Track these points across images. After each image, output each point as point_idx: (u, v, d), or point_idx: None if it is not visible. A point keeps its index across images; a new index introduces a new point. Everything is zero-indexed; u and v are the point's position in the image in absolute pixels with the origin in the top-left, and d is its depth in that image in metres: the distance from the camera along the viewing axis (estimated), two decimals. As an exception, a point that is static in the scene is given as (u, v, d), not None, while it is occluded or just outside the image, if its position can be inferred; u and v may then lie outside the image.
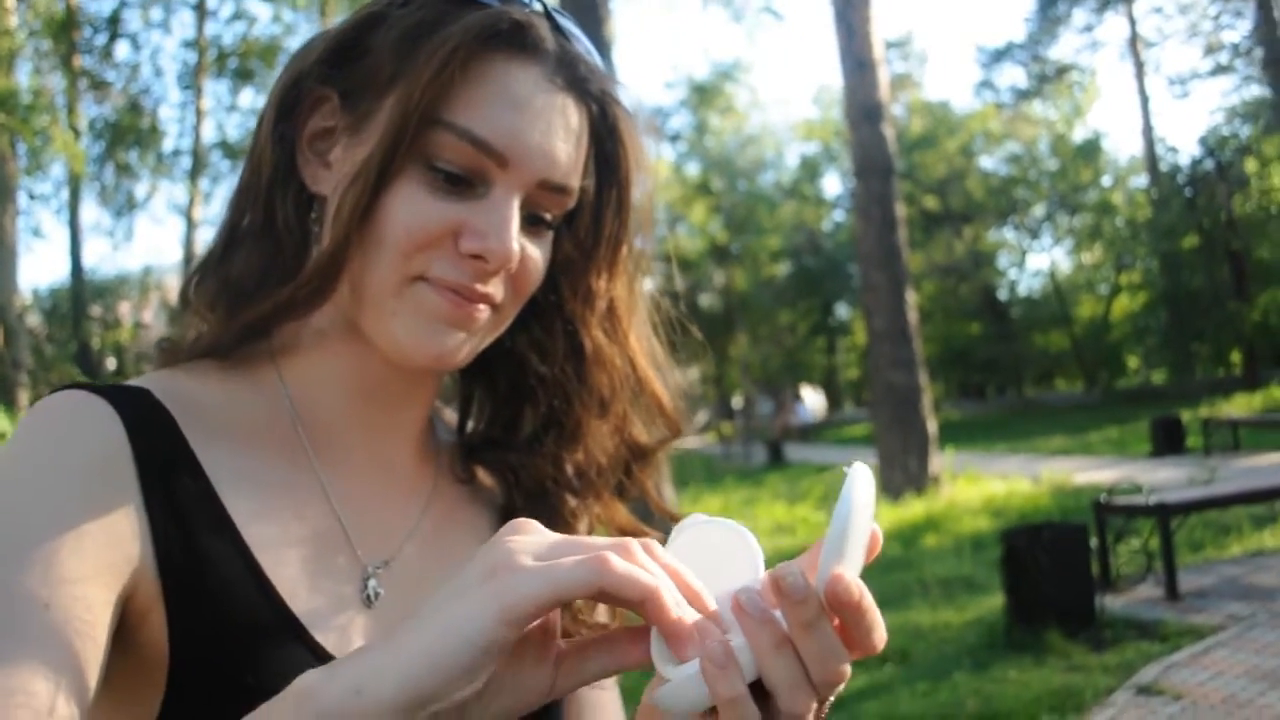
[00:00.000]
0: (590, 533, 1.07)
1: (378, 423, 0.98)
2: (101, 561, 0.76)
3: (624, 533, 1.07)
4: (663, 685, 0.72)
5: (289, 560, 0.86)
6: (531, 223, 0.91)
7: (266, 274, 0.90)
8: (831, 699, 0.72)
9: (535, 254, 0.92)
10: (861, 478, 0.71)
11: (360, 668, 0.63)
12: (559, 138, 0.89)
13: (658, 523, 1.09)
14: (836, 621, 0.68)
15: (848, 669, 0.70)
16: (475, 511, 1.04)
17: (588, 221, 0.99)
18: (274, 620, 0.83)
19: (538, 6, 0.91)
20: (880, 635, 0.70)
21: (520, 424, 1.06)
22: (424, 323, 0.88)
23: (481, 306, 0.90)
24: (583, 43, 0.94)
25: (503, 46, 0.86)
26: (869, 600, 0.68)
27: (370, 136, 0.86)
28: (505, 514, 1.03)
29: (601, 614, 1.02)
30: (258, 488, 0.88)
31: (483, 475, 1.07)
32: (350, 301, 0.89)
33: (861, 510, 0.70)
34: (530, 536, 0.67)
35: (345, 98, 0.89)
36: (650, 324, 1.07)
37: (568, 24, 0.93)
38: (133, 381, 0.88)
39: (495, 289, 0.90)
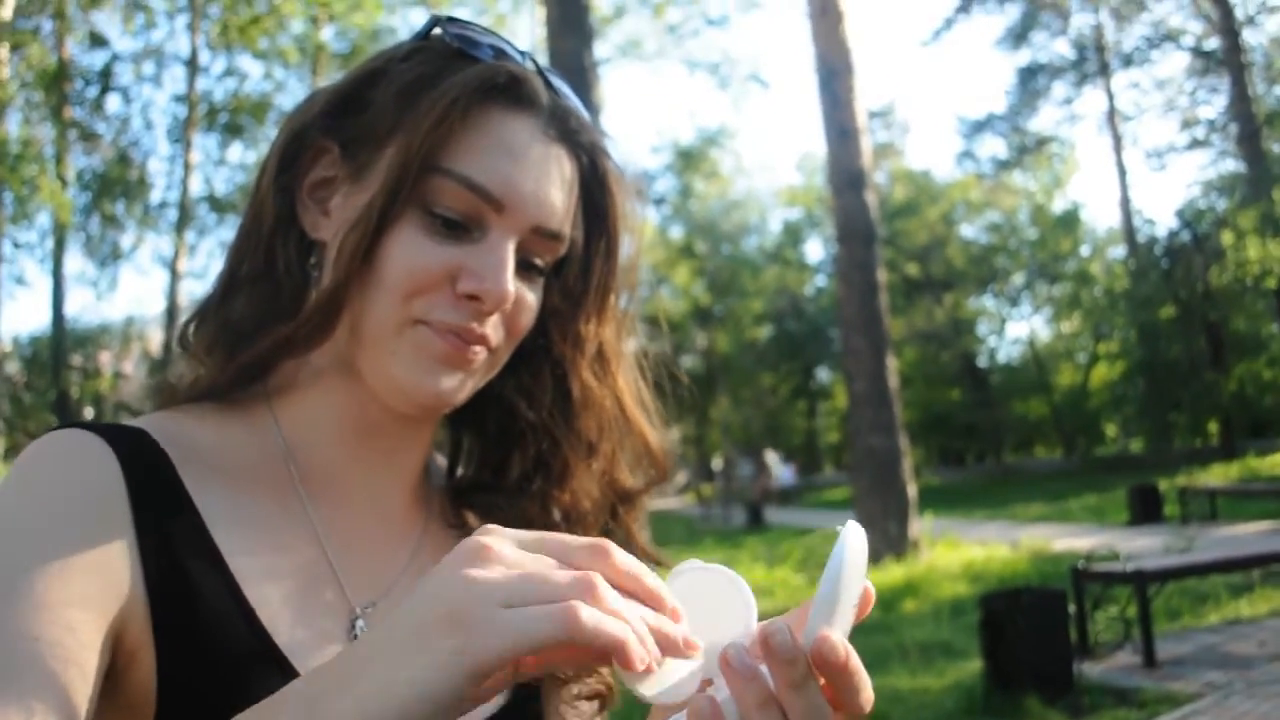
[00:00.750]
0: None
1: (371, 463, 0.99)
2: (91, 594, 0.77)
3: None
4: None
5: (276, 595, 0.87)
6: (525, 268, 0.95)
7: (265, 317, 0.93)
8: None
9: (529, 297, 0.96)
10: (854, 537, 0.70)
11: (323, 712, 0.62)
12: (552, 186, 0.93)
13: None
14: (823, 682, 0.67)
15: None
16: None
17: (577, 270, 1.02)
18: (259, 653, 0.84)
19: (530, 65, 0.96)
20: (867, 697, 0.69)
21: (509, 468, 1.08)
22: (423, 363, 0.90)
23: (478, 347, 0.93)
24: (573, 99, 0.99)
25: (499, 98, 0.91)
26: (856, 662, 0.67)
27: (371, 184, 0.90)
28: None
29: None
30: (249, 526, 0.89)
31: (472, 519, 1.08)
32: (349, 342, 0.92)
33: (853, 570, 0.70)
34: (491, 573, 0.64)
35: (346, 148, 0.93)
36: (638, 370, 1.10)
37: (559, 82, 0.98)
38: (130, 422, 0.90)
39: (492, 330, 0.93)
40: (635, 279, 1.08)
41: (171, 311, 23.20)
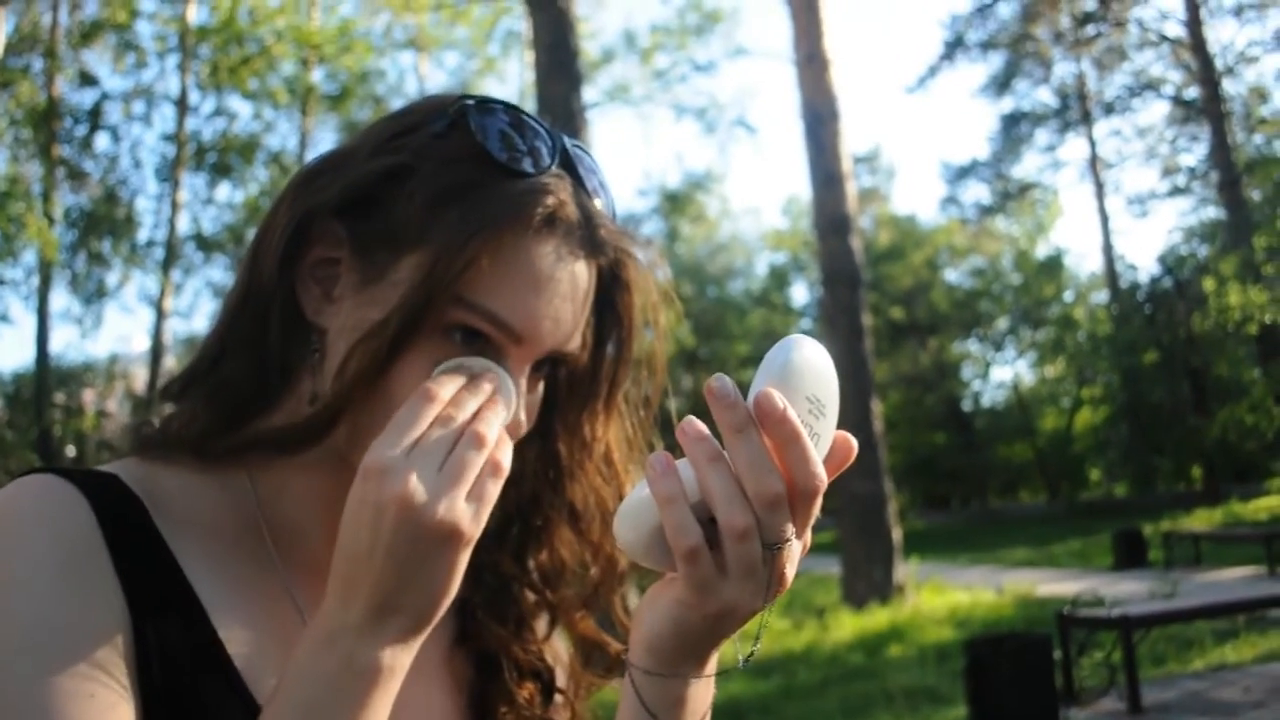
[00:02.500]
0: (548, 636, 1.08)
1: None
2: (106, 651, 0.77)
3: (585, 641, 1.08)
4: (619, 514, 0.82)
5: (256, 652, 0.86)
6: (532, 370, 0.92)
7: (254, 389, 0.91)
8: (783, 547, 0.78)
9: (532, 402, 0.95)
10: (809, 343, 0.79)
11: None
12: (572, 310, 0.91)
13: (620, 637, 1.09)
14: (770, 444, 0.76)
15: (782, 491, 0.76)
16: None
17: (586, 365, 1.01)
18: (242, 710, 0.82)
19: (559, 170, 0.91)
20: (816, 472, 0.77)
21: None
22: None
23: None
24: (596, 182, 0.95)
25: (532, 229, 0.87)
26: (796, 423, 0.76)
27: (384, 296, 0.86)
28: (462, 612, 1.04)
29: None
30: (226, 581, 0.88)
31: None
32: (347, 441, 0.88)
33: (809, 368, 0.79)
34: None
35: (356, 240, 0.89)
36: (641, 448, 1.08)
37: (584, 168, 0.94)
38: (102, 468, 0.89)
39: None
40: (659, 380, 1.07)
41: (156, 350, 23.14)
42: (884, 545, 14.65)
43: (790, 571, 0.81)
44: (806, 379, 0.79)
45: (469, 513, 0.76)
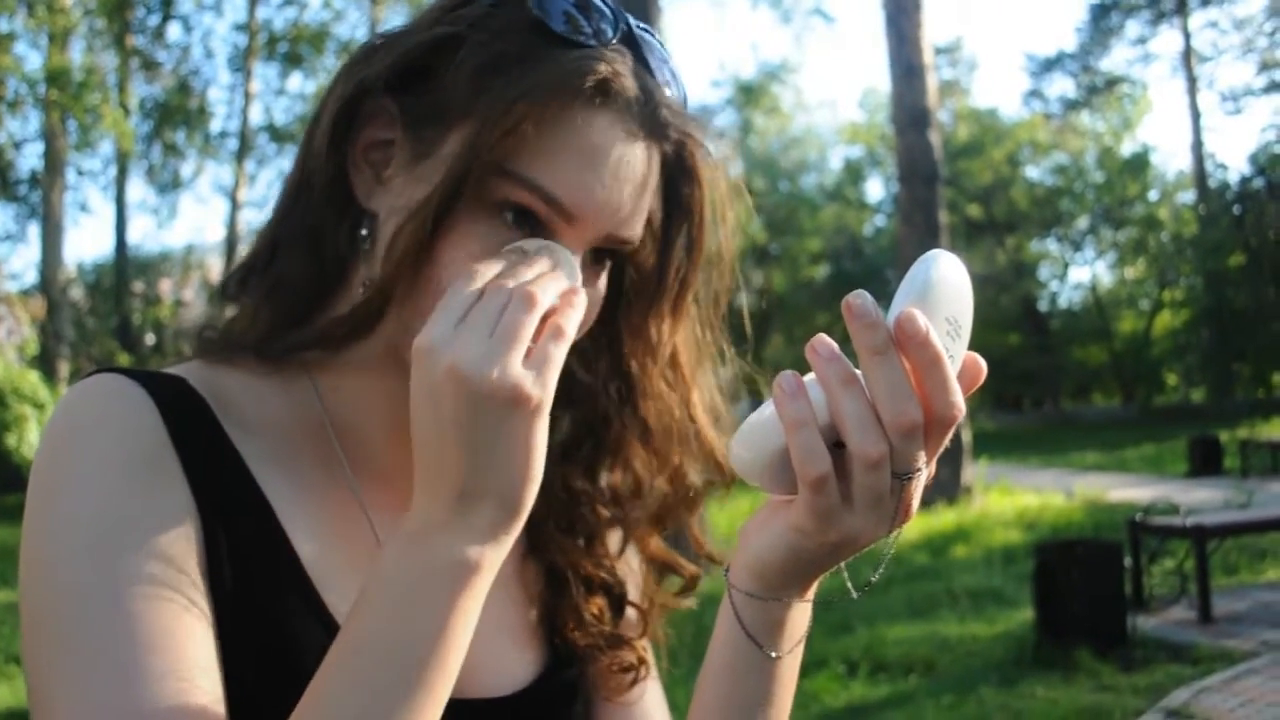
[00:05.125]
0: (621, 552, 1.06)
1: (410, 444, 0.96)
2: (178, 546, 0.76)
3: (657, 563, 1.06)
4: (738, 435, 0.78)
5: (324, 554, 0.86)
6: (591, 261, 0.88)
7: (311, 281, 0.88)
8: (913, 478, 0.75)
9: (594, 292, 0.89)
10: (946, 259, 0.75)
11: None
12: (629, 192, 0.85)
13: (693, 557, 1.08)
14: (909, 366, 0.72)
15: (920, 419, 0.73)
16: None
17: (653, 262, 0.96)
18: (311, 613, 0.82)
19: (620, 46, 0.86)
20: (955, 400, 0.73)
21: (555, 428, 1.01)
22: None
23: None
24: (666, 72, 0.90)
25: (582, 97, 0.82)
26: (940, 350, 0.71)
27: (431, 172, 0.82)
28: (531, 525, 1.00)
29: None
30: (294, 482, 0.87)
31: None
32: (398, 333, 0.85)
33: (948, 286, 0.74)
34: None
35: (408, 116, 0.85)
36: (712, 366, 1.04)
37: (655, 56, 0.89)
38: (168, 369, 0.88)
39: None
40: (727, 279, 1.01)
41: (231, 240, 23.50)
42: (953, 445, 14.45)
43: (916, 501, 0.78)
44: (946, 298, 0.74)
45: (529, 376, 0.71)
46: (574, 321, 0.76)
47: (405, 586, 0.71)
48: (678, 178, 0.92)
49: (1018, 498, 14.77)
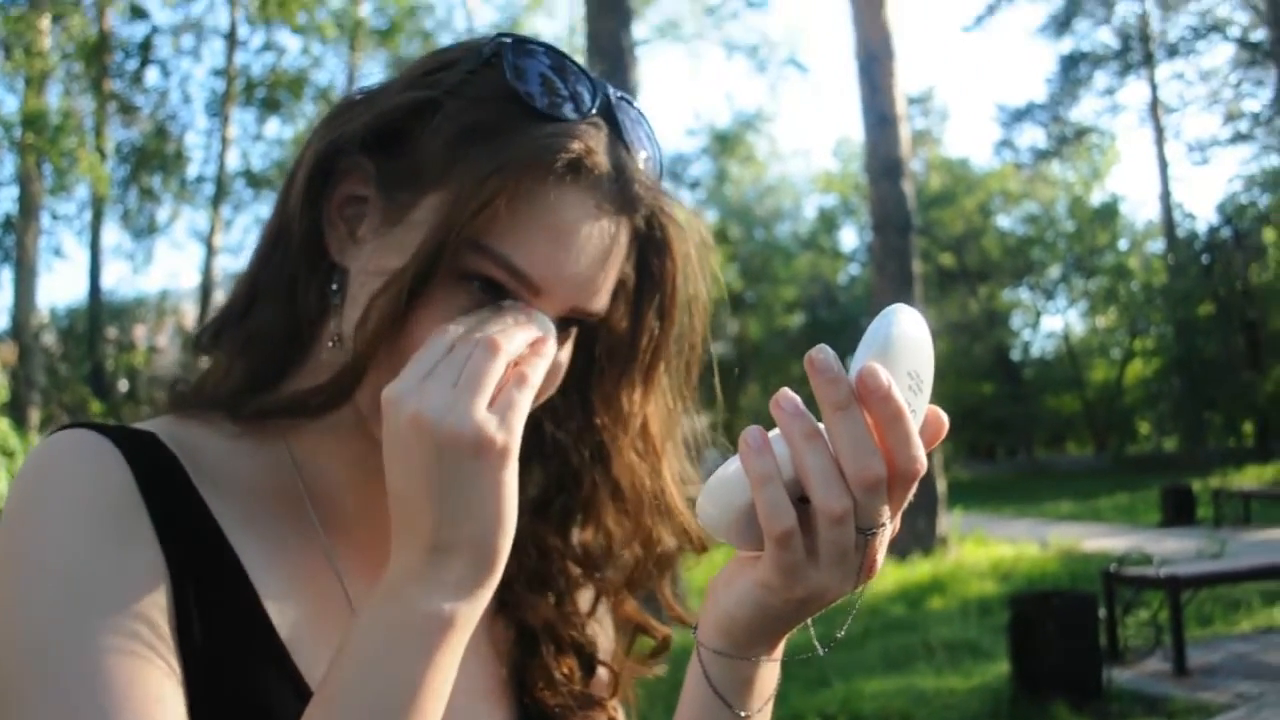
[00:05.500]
0: (592, 611, 1.05)
1: (385, 507, 0.94)
2: (146, 604, 0.75)
3: (630, 624, 1.06)
4: (705, 491, 0.79)
5: (294, 614, 0.85)
6: (558, 329, 0.87)
7: (285, 337, 0.88)
8: (878, 532, 0.76)
9: (558, 363, 0.88)
10: (906, 314, 0.76)
11: None
12: (597, 267, 0.85)
13: (665, 620, 1.07)
14: (871, 422, 0.72)
15: (884, 474, 0.73)
16: None
17: (625, 332, 0.96)
18: (281, 673, 0.81)
19: (597, 118, 0.86)
20: (918, 455, 0.74)
21: (526, 483, 1.01)
22: None
23: None
24: (642, 136, 0.89)
25: (555, 175, 0.82)
26: (902, 404, 0.72)
27: (403, 240, 0.82)
28: (504, 584, 1.00)
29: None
30: (266, 544, 0.86)
31: None
32: (371, 400, 0.82)
33: (908, 341, 0.75)
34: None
35: (383, 176, 0.86)
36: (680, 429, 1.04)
37: (630, 122, 0.88)
38: (140, 425, 0.87)
39: None
40: (699, 349, 1.00)
41: (206, 286, 23.37)
42: (928, 495, 14.57)
43: (881, 556, 0.78)
44: (907, 352, 0.76)
45: (493, 420, 0.72)
46: (540, 369, 0.78)
47: (380, 641, 0.71)
48: (649, 250, 0.93)
49: (993, 548, 14.78)
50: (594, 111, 0.85)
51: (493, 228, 0.80)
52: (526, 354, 0.78)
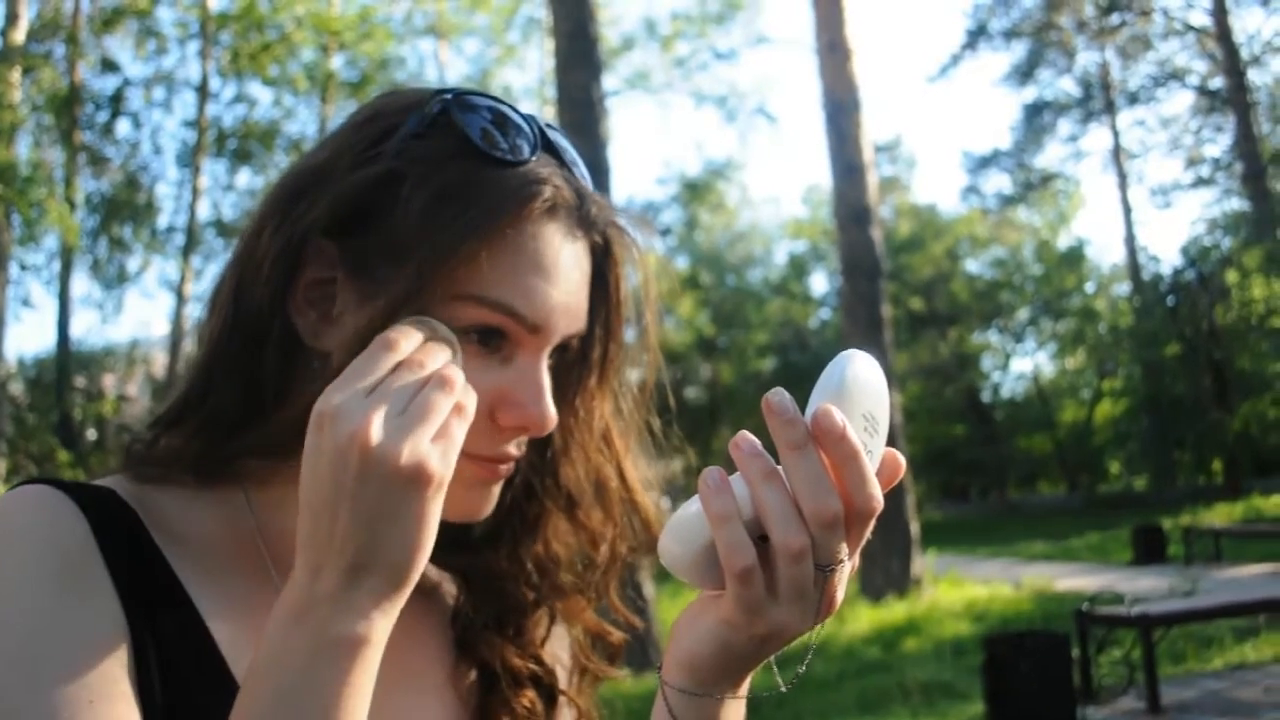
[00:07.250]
0: (549, 628, 1.05)
1: None
2: (106, 661, 0.74)
3: (588, 631, 1.07)
4: (666, 530, 0.79)
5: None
6: (550, 355, 0.91)
7: (247, 416, 0.87)
8: (836, 570, 0.77)
9: (542, 382, 0.91)
10: (861, 358, 0.78)
11: None
12: (582, 292, 0.90)
13: (620, 625, 1.09)
14: (828, 462, 0.74)
15: (840, 511, 0.75)
16: (430, 624, 1.01)
17: (578, 343, 0.97)
18: None
19: (545, 155, 0.90)
20: (873, 493, 0.76)
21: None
22: (460, 490, 0.85)
23: (512, 464, 0.91)
24: (576, 161, 0.94)
25: (531, 216, 0.86)
26: (857, 444, 0.74)
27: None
28: (456, 615, 1.01)
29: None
30: (225, 597, 0.86)
31: (433, 575, 1.04)
32: None
33: (863, 385, 0.77)
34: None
35: (351, 255, 0.86)
36: (640, 433, 1.06)
37: (565, 152, 0.93)
38: (97, 481, 0.87)
39: (523, 446, 0.92)
40: (654, 355, 1.04)
41: (176, 335, 23.23)
42: (902, 537, 14.59)
43: (840, 593, 0.80)
44: (862, 395, 0.77)
45: (436, 453, 0.72)
46: (473, 403, 0.78)
47: (293, 666, 0.70)
48: (603, 264, 0.96)
49: (967, 589, 14.78)
50: (539, 149, 0.89)
51: (480, 279, 0.83)
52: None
